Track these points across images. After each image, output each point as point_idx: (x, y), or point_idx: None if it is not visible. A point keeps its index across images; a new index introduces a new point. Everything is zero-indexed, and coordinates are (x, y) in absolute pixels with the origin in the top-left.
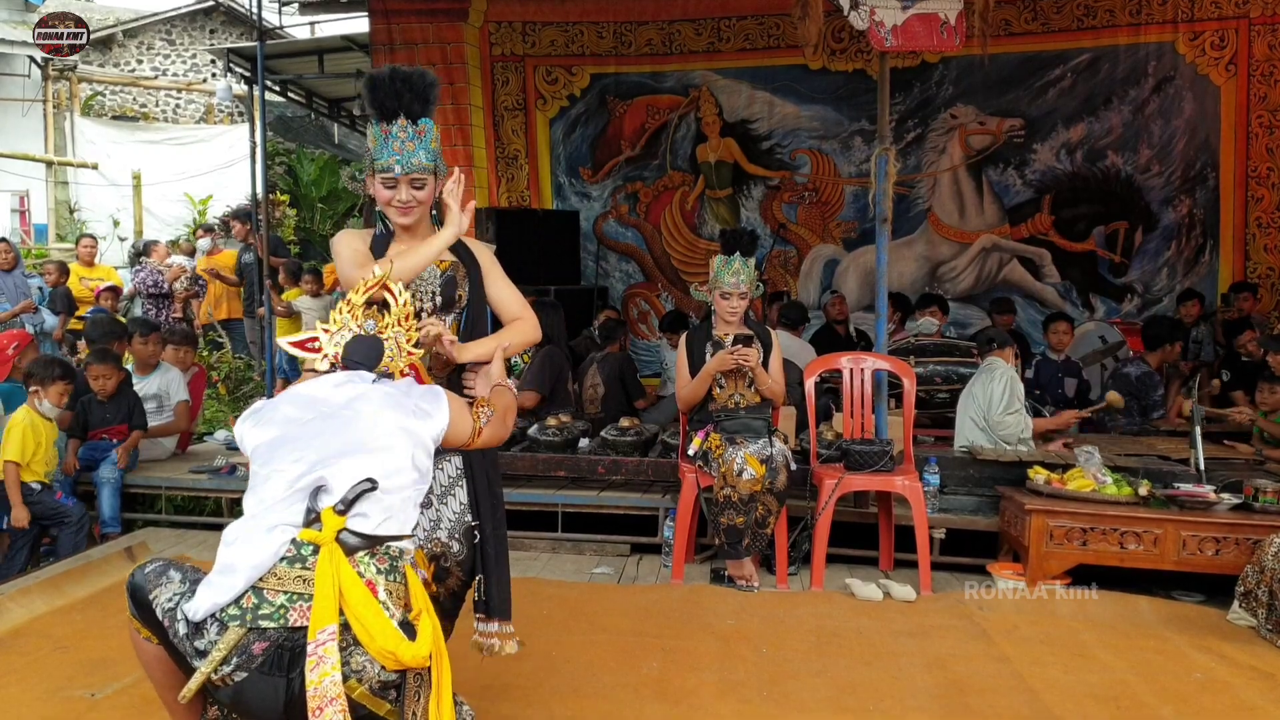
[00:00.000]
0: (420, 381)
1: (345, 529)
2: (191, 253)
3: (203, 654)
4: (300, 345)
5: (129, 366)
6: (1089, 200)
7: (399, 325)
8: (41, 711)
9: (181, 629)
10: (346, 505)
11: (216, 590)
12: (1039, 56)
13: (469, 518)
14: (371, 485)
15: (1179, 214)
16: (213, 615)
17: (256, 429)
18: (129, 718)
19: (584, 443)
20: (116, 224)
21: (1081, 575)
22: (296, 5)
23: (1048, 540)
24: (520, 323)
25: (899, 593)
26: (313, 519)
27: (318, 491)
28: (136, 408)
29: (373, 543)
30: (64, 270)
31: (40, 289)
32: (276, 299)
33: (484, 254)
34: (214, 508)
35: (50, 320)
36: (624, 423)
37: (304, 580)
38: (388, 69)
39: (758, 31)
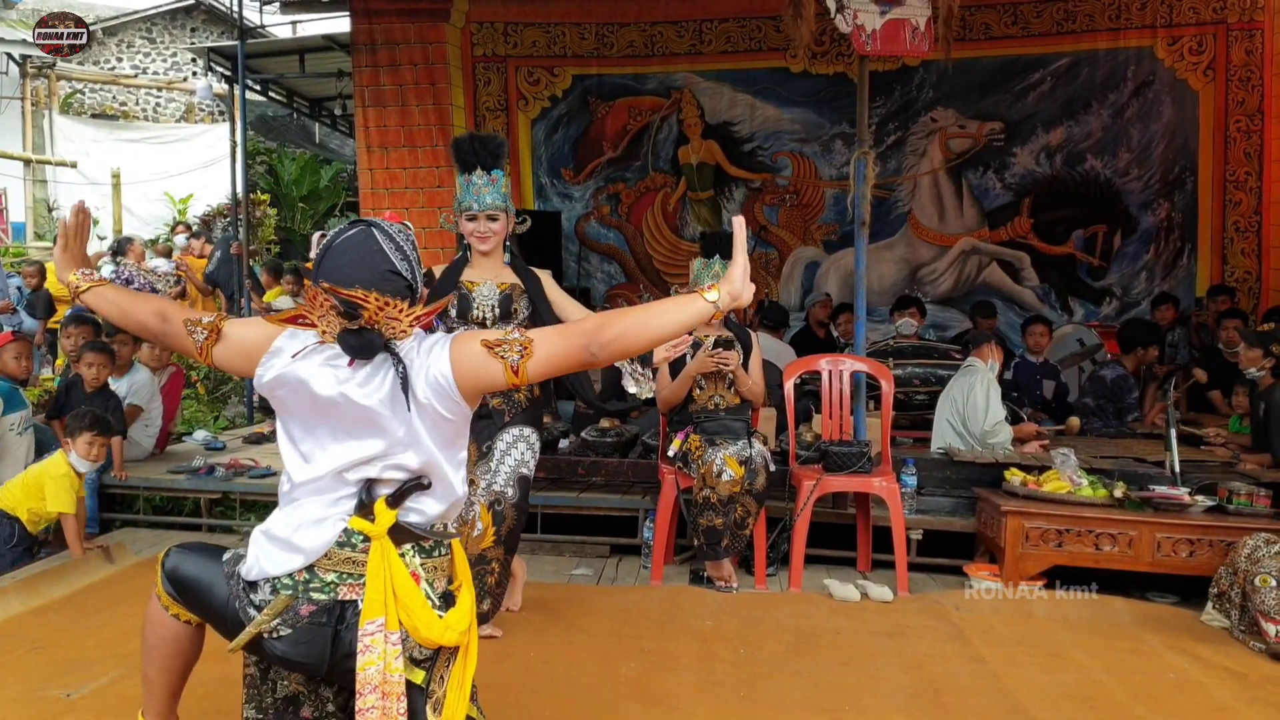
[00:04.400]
0: (427, 330)
1: (398, 523)
2: (169, 253)
3: (257, 608)
4: (291, 321)
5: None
6: (1068, 203)
7: (383, 311)
8: (17, 713)
9: (240, 583)
10: (397, 500)
11: (268, 560)
12: (1019, 60)
13: (524, 470)
14: (423, 484)
15: (1158, 218)
16: (266, 578)
17: (284, 392)
18: (105, 718)
19: (564, 443)
20: (96, 223)
21: (1056, 576)
22: (278, 4)
23: (1024, 541)
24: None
25: (876, 593)
26: (364, 509)
27: (370, 484)
28: (116, 411)
29: (423, 536)
30: (43, 273)
31: (19, 289)
32: (257, 299)
33: (544, 276)
34: (192, 508)
35: (29, 323)
36: (604, 424)
37: (353, 561)
38: (467, 135)
39: (739, 34)
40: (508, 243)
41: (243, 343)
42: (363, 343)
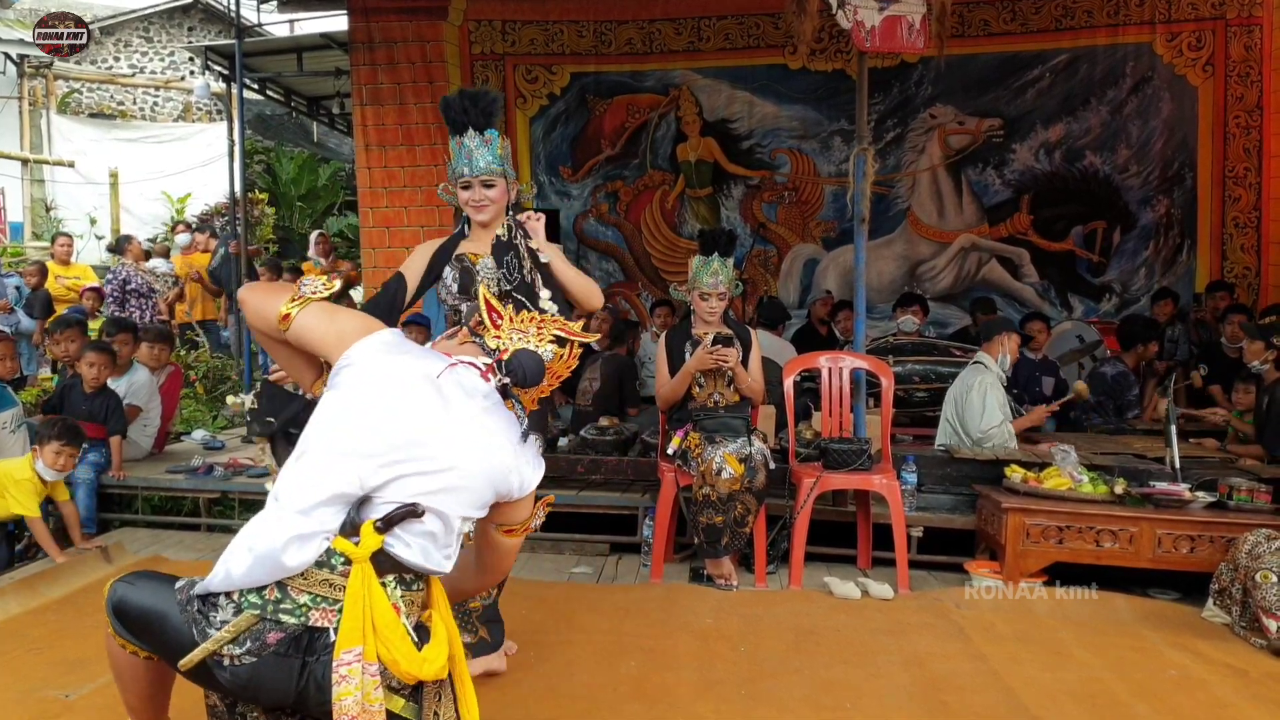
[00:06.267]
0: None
1: (382, 551)
2: (166, 253)
3: (218, 628)
4: (490, 306)
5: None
6: (1067, 200)
7: (561, 361)
8: (15, 713)
9: (196, 605)
10: (386, 525)
11: (238, 573)
12: (1018, 57)
13: None
14: (416, 512)
15: (1157, 214)
16: (228, 594)
17: (356, 380)
18: (104, 719)
19: (563, 441)
20: (93, 222)
21: (1057, 574)
22: (275, 3)
23: (1024, 538)
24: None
25: (877, 591)
26: (350, 529)
27: (364, 501)
28: (116, 411)
29: (406, 569)
30: (44, 272)
31: (18, 289)
32: None
33: (555, 253)
34: (191, 508)
35: (27, 323)
36: (603, 422)
37: (329, 584)
38: (457, 92)
39: (738, 31)
40: (510, 211)
41: (347, 322)
42: (532, 372)
